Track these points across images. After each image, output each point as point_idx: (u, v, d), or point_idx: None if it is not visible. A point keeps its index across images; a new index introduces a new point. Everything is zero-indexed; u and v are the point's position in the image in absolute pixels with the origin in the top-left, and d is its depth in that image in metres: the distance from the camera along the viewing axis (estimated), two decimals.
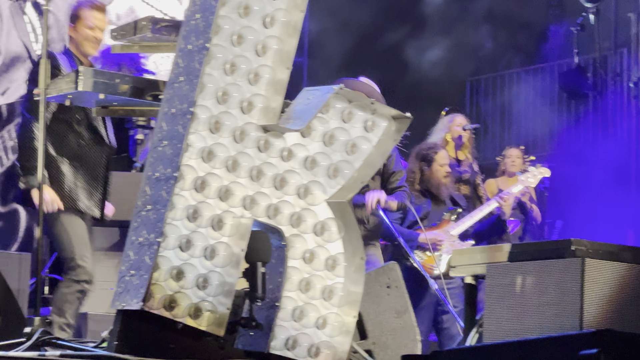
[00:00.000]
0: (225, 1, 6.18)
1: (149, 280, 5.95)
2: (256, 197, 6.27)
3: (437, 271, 10.25)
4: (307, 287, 6.41)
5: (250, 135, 6.26)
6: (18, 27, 14.30)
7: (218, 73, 6.18)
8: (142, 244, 6.07)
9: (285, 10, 6.37)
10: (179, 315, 6.05)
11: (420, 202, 10.41)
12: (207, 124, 6.14)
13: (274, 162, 6.33)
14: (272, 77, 6.33)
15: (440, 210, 10.51)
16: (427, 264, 10.20)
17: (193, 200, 6.10)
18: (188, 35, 6.26)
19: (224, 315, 6.14)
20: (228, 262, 6.16)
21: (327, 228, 6.46)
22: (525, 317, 6.14)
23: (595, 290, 5.98)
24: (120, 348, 5.89)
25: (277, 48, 6.35)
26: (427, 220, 10.41)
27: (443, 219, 10.54)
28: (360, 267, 6.53)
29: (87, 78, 6.83)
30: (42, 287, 8.28)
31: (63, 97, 7.00)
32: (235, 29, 6.23)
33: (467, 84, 18.97)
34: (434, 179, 10.45)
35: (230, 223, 6.19)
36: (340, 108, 6.51)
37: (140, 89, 6.93)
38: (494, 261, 6.62)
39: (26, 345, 6.11)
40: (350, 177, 6.52)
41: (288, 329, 6.35)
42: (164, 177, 6.10)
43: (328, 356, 6.42)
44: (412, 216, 10.24)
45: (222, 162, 6.18)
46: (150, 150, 6.29)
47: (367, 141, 6.56)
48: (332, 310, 6.45)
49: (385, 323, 7.23)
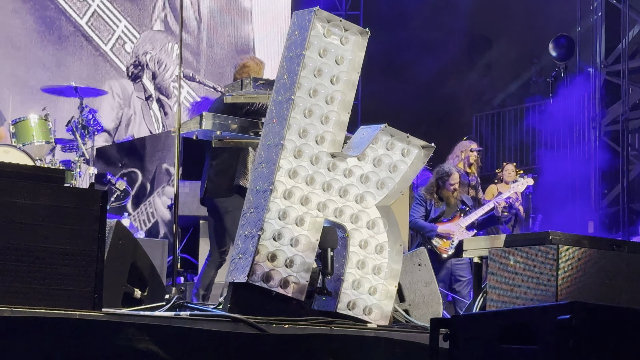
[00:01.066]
0: (305, 66, 6.19)
1: (251, 262, 5.96)
2: (327, 203, 6.27)
3: (451, 252, 10.41)
4: (362, 266, 6.41)
5: (322, 159, 6.27)
6: (146, 119, 14.40)
7: (300, 116, 6.18)
8: (247, 236, 6.08)
9: (346, 72, 6.37)
10: (273, 285, 6.06)
11: (439, 205, 10.57)
12: (292, 152, 6.15)
13: (339, 178, 6.33)
14: (338, 119, 6.33)
15: (453, 210, 10.61)
16: (442, 247, 10.37)
17: (283, 205, 6.11)
18: (279, 90, 6.26)
19: (304, 285, 6.15)
20: (307, 248, 6.16)
21: (376, 224, 6.45)
22: (515, 289, 6.12)
23: (567, 269, 5.94)
24: (232, 309, 5.89)
25: (341, 99, 6.35)
26: (443, 218, 10.54)
27: (455, 215, 10.60)
28: (400, 251, 6.51)
29: (208, 120, 6.85)
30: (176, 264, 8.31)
31: (191, 134, 7.02)
32: (312, 85, 6.24)
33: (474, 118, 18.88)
34: (444, 193, 10.60)
35: (309, 221, 6.19)
36: (385, 140, 6.51)
37: (245, 127, 6.94)
38: (494, 246, 6.59)
39: (165, 308, 6.13)
40: (392, 189, 6.51)
41: (349, 295, 6.35)
42: (262, 189, 6.11)
43: (377, 314, 6.41)
44: (433, 214, 10.43)
45: (303, 178, 6.19)
46: (252, 170, 6.31)
47: (404, 163, 6.55)
48: (380, 282, 6.44)
49: (417, 290, 7.21)
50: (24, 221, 5.20)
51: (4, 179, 5.22)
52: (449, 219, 10.59)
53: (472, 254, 7.07)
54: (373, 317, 6.37)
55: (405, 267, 6.88)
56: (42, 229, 5.24)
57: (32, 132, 9.92)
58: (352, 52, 6.39)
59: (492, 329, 3.86)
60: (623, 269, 6.16)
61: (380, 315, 6.40)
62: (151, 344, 5.24)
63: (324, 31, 6.28)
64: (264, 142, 6.22)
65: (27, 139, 9.90)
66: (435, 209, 10.56)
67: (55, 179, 5.42)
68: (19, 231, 5.18)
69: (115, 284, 6.42)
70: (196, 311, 5.98)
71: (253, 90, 6.82)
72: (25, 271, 5.17)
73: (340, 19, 6.37)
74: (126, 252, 6.60)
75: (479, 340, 3.93)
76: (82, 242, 5.33)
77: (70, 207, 5.33)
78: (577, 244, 6.11)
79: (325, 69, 6.28)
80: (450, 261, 10.50)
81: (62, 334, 5.03)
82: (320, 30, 6.26)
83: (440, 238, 10.48)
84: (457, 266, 10.52)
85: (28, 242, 5.19)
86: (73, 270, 5.28)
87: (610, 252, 6.17)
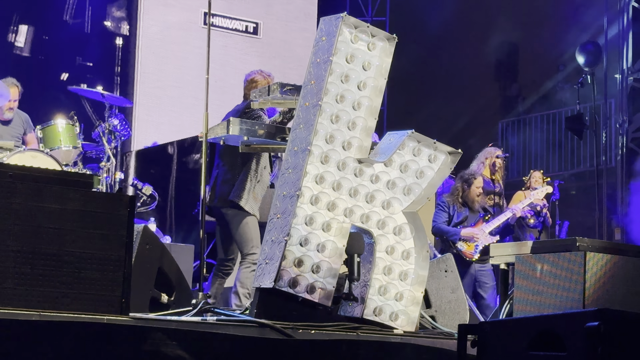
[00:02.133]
0: (332, 72, 6.19)
1: (278, 267, 5.96)
2: (353, 209, 6.27)
3: (476, 256, 10.42)
4: (389, 272, 6.40)
5: (349, 165, 6.27)
6: None
7: (327, 122, 6.19)
8: (274, 241, 6.08)
9: (373, 78, 6.37)
10: (300, 291, 6.06)
11: (461, 210, 10.57)
12: (319, 157, 6.15)
13: (366, 184, 6.33)
14: (365, 125, 6.33)
15: (476, 216, 10.60)
16: (467, 251, 10.36)
17: (309, 211, 6.11)
18: (306, 96, 6.27)
19: (330, 291, 6.14)
20: (334, 254, 6.16)
21: (403, 230, 6.45)
22: (542, 296, 6.09)
23: (594, 276, 5.91)
24: (258, 315, 5.90)
25: (368, 104, 6.35)
26: (467, 222, 10.53)
27: (478, 221, 10.59)
28: (426, 257, 6.50)
29: (235, 125, 6.85)
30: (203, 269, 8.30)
31: (219, 139, 7.03)
32: (339, 91, 6.24)
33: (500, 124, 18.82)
34: (470, 196, 10.57)
35: (335, 227, 6.18)
36: (412, 146, 6.50)
37: (272, 133, 6.92)
38: (520, 253, 6.57)
39: (192, 313, 6.14)
40: (419, 194, 6.50)
41: (375, 301, 6.34)
42: (289, 195, 6.11)
43: (404, 320, 6.40)
44: (456, 219, 10.43)
45: (329, 184, 6.19)
46: (280, 176, 6.31)
47: (430, 169, 6.54)
48: (406, 288, 6.43)
49: (444, 297, 7.19)
50: (52, 226, 5.23)
51: (33, 183, 5.24)
52: (473, 224, 10.58)
53: (499, 261, 7.06)
54: (399, 323, 6.36)
55: (431, 273, 6.87)
56: (70, 233, 5.26)
57: (59, 137, 9.97)
58: (379, 58, 6.39)
59: (520, 335, 3.85)
60: None
61: (406, 322, 6.39)
62: (178, 349, 5.25)
63: (351, 37, 6.28)
64: (290, 147, 6.22)
65: (55, 143, 9.95)
66: (458, 214, 10.57)
67: (83, 183, 5.45)
68: (47, 236, 5.20)
69: (142, 288, 6.43)
70: (223, 316, 5.97)
71: (280, 95, 6.82)
72: (53, 276, 5.19)
73: (368, 25, 6.37)
74: (153, 256, 6.62)
75: (507, 347, 3.92)
76: (110, 247, 5.35)
77: (98, 212, 5.36)
78: (604, 251, 6.08)
79: (353, 74, 6.28)
80: (474, 266, 10.48)
81: (89, 339, 5.05)
82: (347, 36, 6.26)
83: (464, 242, 10.46)
84: (480, 272, 10.51)
85: (56, 247, 5.22)
86: (101, 275, 5.30)
87: (638, 259, 6.14)
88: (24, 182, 5.22)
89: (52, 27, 14.19)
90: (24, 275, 5.13)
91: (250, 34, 15.05)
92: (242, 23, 15.02)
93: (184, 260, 9.54)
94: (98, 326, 5.09)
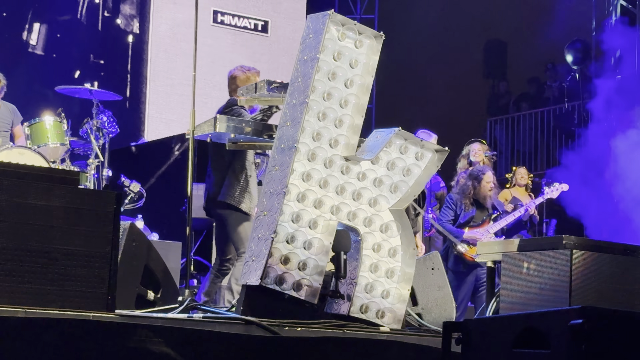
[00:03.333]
0: (319, 69, 6.19)
1: (265, 264, 5.96)
2: (340, 206, 6.27)
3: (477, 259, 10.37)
4: (376, 269, 6.40)
5: (336, 163, 6.27)
6: None
7: (314, 120, 6.19)
8: (261, 239, 6.08)
9: (360, 75, 6.37)
10: (286, 288, 6.06)
11: (469, 210, 10.47)
12: (306, 155, 6.15)
13: (353, 181, 6.33)
14: (352, 122, 6.33)
15: (484, 215, 10.54)
16: (469, 254, 10.27)
17: (296, 208, 6.11)
18: (293, 93, 6.27)
19: (317, 288, 6.15)
20: (320, 252, 6.16)
21: (389, 227, 6.45)
22: (529, 294, 6.10)
23: (580, 274, 5.92)
24: (245, 312, 5.89)
25: (355, 102, 6.35)
26: (473, 222, 10.47)
27: (484, 220, 10.54)
28: (413, 255, 6.50)
29: (222, 123, 6.85)
30: (189, 267, 8.31)
31: (206, 136, 7.03)
32: (326, 89, 6.24)
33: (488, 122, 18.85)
34: (482, 192, 10.48)
35: (322, 224, 6.18)
36: (399, 144, 6.50)
37: (259, 130, 6.92)
38: (507, 251, 6.57)
39: (178, 310, 6.15)
40: (405, 192, 6.50)
41: (362, 298, 6.34)
42: (276, 192, 6.11)
43: (390, 318, 6.40)
44: (462, 219, 10.38)
45: (316, 181, 6.19)
46: (266, 173, 6.31)
47: (417, 167, 6.54)
48: (393, 285, 6.43)
49: (430, 294, 7.20)
50: (38, 222, 5.22)
51: (19, 180, 5.24)
52: (479, 224, 10.52)
53: (486, 258, 7.05)
54: (386, 320, 6.37)
55: (418, 271, 6.87)
56: (56, 230, 5.25)
57: (47, 134, 9.96)
58: (367, 56, 6.39)
59: (504, 333, 3.86)
60: (637, 274, 6.13)
61: (393, 319, 6.39)
62: (164, 346, 5.25)
63: (339, 34, 6.28)
64: (277, 145, 6.22)
65: (42, 140, 9.94)
66: (464, 213, 10.47)
67: (69, 180, 5.44)
68: (33, 232, 5.20)
69: (128, 285, 6.43)
70: (209, 313, 5.98)
71: (267, 93, 6.82)
72: (39, 272, 5.18)
73: (355, 23, 6.38)
74: (140, 254, 6.62)
75: (492, 344, 3.93)
76: (96, 244, 5.34)
77: (84, 208, 5.35)
78: (590, 249, 6.08)
79: (340, 72, 6.28)
80: (478, 268, 10.44)
81: (75, 335, 5.04)
82: (334, 34, 6.26)
83: (467, 244, 10.40)
84: (482, 273, 10.44)
85: (42, 244, 5.21)
86: (87, 271, 5.30)
87: (624, 257, 6.15)
88: (9, 178, 5.21)
89: (65, 25, 14.24)
90: (9, 272, 5.12)
91: (259, 32, 15.06)
92: (250, 21, 15.03)
93: (171, 258, 9.54)
94: (84, 323, 5.08)
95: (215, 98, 12.34)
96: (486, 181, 10.48)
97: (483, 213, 10.53)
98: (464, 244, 10.32)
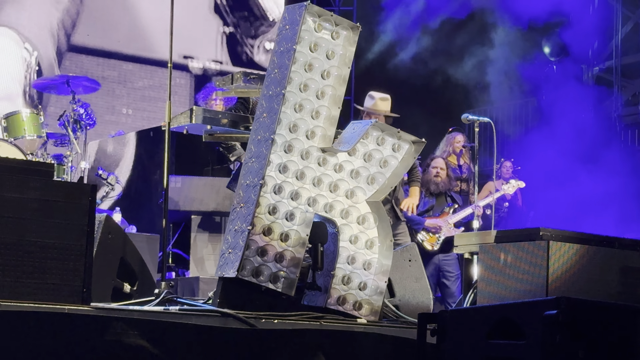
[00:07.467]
0: (295, 61, 6.18)
1: (241, 257, 5.95)
2: (317, 198, 6.26)
3: (437, 247, 10.37)
4: (353, 261, 6.40)
5: (313, 154, 6.26)
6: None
7: (290, 111, 6.17)
8: (237, 231, 6.07)
9: (337, 67, 6.36)
10: (263, 280, 6.05)
11: (428, 199, 10.54)
12: (282, 147, 6.14)
13: (330, 173, 6.32)
14: (328, 114, 6.32)
15: (442, 206, 10.57)
16: (428, 243, 10.32)
17: (273, 200, 6.10)
18: (269, 85, 6.26)
19: (294, 280, 6.14)
20: (297, 243, 6.15)
21: (366, 219, 6.45)
22: (506, 285, 6.09)
23: (557, 265, 5.93)
24: (221, 304, 5.88)
25: (332, 93, 6.34)
26: (432, 212, 10.50)
27: (444, 212, 10.57)
28: (390, 247, 6.50)
29: (198, 114, 6.81)
30: (166, 259, 8.28)
31: (182, 128, 6.99)
32: (302, 80, 6.23)
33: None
34: (426, 177, 10.53)
35: (299, 216, 6.18)
36: (376, 135, 6.50)
37: (235, 122, 6.89)
38: (484, 242, 6.57)
39: (155, 302, 6.12)
40: (382, 184, 6.50)
41: (339, 290, 6.34)
42: (252, 184, 6.10)
43: (367, 309, 6.40)
44: (422, 207, 10.39)
45: (293, 173, 6.18)
46: (243, 165, 6.30)
47: (394, 158, 6.54)
48: (370, 277, 6.43)
49: (408, 286, 7.20)
50: (12, 215, 5.18)
51: None
52: (438, 214, 10.55)
53: (463, 250, 7.06)
54: (363, 312, 6.37)
55: (395, 263, 6.87)
56: (30, 222, 5.22)
57: (23, 126, 9.92)
58: (343, 47, 6.38)
59: (479, 324, 3.86)
60: (614, 265, 6.14)
61: (370, 311, 6.39)
62: (140, 339, 5.23)
63: (315, 26, 6.26)
64: (254, 136, 6.21)
65: (19, 133, 9.90)
66: (424, 200, 10.51)
67: (44, 172, 5.40)
68: (7, 225, 5.16)
69: (104, 278, 6.41)
70: (185, 306, 5.96)
71: (244, 84, 6.80)
72: (13, 265, 5.15)
73: (331, 14, 6.36)
74: (115, 246, 6.59)
75: (467, 335, 3.93)
76: (71, 236, 5.31)
77: (59, 201, 5.32)
78: (567, 240, 6.08)
79: (316, 63, 6.27)
80: (438, 257, 10.47)
81: (50, 329, 5.02)
82: (311, 25, 6.24)
83: (427, 232, 10.43)
84: (444, 262, 10.48)
85: (16, 236, 5.18)
86: (61, 264, 5.27)
87: (601, 249, 6.16)
88: None
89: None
90: None
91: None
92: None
93: (149, 250, 9.50)
94: (59, 316, 5.06)
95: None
96: (432, 166, 10.54)
97: (441, 204, 10.55)
98: (425, 232, 10.35)
